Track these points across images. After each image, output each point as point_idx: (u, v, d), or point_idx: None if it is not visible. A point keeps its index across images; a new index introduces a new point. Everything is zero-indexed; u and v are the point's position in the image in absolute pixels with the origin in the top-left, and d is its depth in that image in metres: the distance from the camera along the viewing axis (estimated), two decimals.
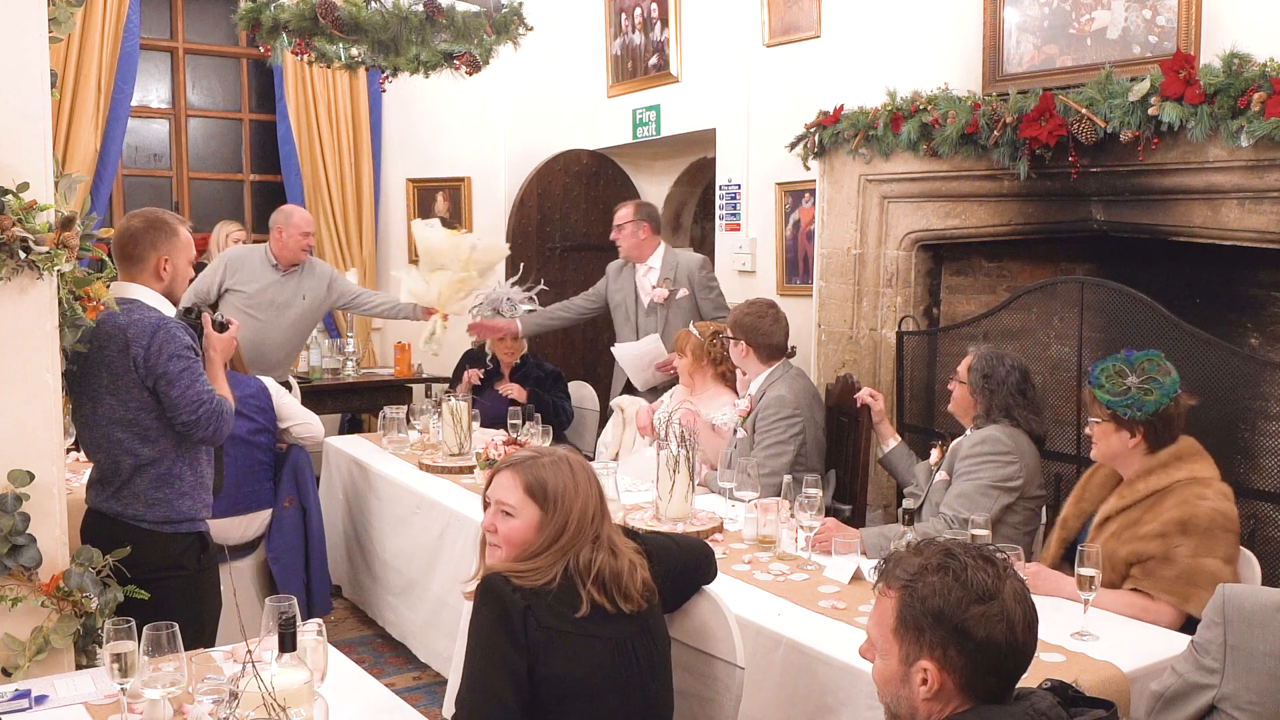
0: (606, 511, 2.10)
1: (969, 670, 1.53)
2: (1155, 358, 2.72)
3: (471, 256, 5.14)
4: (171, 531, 2.88)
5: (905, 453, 3.73)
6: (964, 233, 4.34)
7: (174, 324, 2.83)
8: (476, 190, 6.99)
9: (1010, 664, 1.55)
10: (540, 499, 2.04)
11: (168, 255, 2.89)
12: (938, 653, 1.54)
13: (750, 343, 3.87)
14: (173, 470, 2.87)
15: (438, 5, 4.43)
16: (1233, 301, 3.69)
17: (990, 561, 1.59)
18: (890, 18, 4.58)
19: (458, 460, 4.19)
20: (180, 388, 2.78)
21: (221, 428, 2.87)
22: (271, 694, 1.64)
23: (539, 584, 1.96)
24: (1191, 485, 2.64)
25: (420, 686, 3.95)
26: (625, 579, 2.01)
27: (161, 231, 2.90)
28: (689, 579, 2.28)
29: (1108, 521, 2.74)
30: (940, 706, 1.56)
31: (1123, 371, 2.71)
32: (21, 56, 2.55)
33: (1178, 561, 2.56)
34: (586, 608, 1.96)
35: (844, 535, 3.01)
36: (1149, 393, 2.66)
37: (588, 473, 2.11)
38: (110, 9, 5.85)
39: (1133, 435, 2.71)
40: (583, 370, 6.72)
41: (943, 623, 1.53)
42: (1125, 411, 2.68)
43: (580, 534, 2.02)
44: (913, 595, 1.57)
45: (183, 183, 6.83)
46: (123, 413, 2.81)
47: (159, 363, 2.76)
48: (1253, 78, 3.18)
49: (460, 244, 5.14)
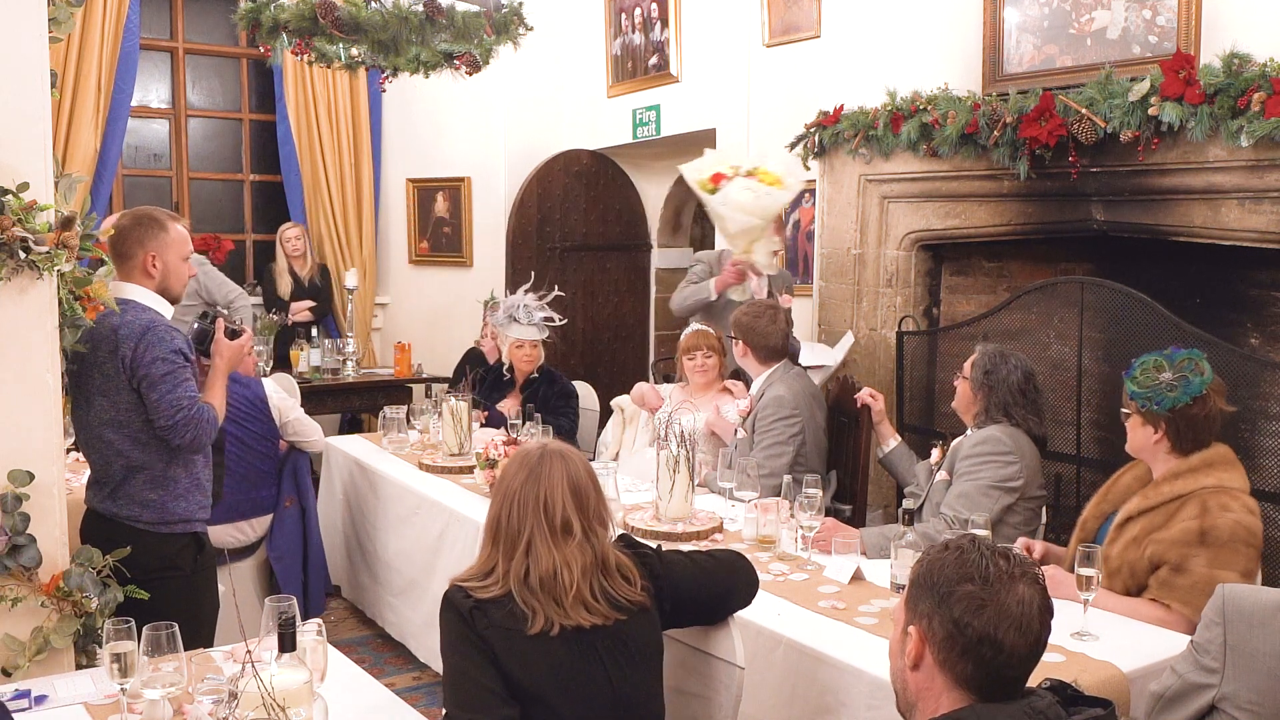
0: (564, 520, 1.99)
1: (946, 646, 1.53)
2: (1195, 357, 2.68)
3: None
4: (167, 532, 2.87)
5: (905, 453, 3.73)
6: (964, 233, 4.34)
7: (165, 327, 2.81)
8: (476, 190, 6.99)
9: (987, 653, 1.52)
10: (489, 524, 2.04)
11: (155, 251, 2.86)
12: (923, 621, 1.56)
13: (748, 342, 3.87)
14: (166, 473, 2.86)
15: (438, 5, 4.43)
16: (1233, 301, 3.69)
17: (1004, 558, 1.57)
18: (890, 18, 4.58)
19: (458, 460, 4.19)
20: (160, 392, 2.75)
21: (200, 436, 2.81)
22: (271, 694, 1.64)
23: (489, 597, 1.96)
24: (1217, 494, 2.59)
25: (420, 686, 3.95)
26: (574, 592, 1.94)
27: (148, 228, 2.87)
28: (700, 610, 2.20)
29: (1129, 523, 2.70)
30: (927, 683, 1.57)
31: (1160, 366, 2.68)
32: (21, 56, 2.55)
33: (1193, 571, 2.53)
34: (540, 623, 1.92)
35: (844, 535, 3.02)
36: (1173, 389, 2.64)
37: (531, 478, 2.00)
38: (110, 9, 5.85)
39: (1155, 430, 2.68)
40: (583, 370, 6.72)
41: (934, 591, 1.55)
42: (1144, 404, 2.67)
43: (512, 546, 1.98)
44: (921, 564, 1.62)
45: (183, 183, 6.83)
46: (113, 414, 2.81)
47: (143, 365, 2.75)
48: (1253, 78, 3.18)
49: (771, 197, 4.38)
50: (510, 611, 1.95)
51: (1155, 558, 2.59)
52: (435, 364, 6.46)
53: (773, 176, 4.32)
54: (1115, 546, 2.69)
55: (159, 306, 2.88)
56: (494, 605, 1.95)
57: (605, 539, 2.05)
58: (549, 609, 1.94)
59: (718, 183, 4.32)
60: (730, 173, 4.33)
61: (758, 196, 4.29)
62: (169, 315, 2.90)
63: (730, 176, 4.31)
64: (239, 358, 3.07)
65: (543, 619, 1.93)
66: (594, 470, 2.11)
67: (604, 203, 7.08)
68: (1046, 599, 1.57)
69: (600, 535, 2.03)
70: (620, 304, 7.23)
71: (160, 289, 2.90)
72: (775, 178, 4.32)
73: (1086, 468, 3.84)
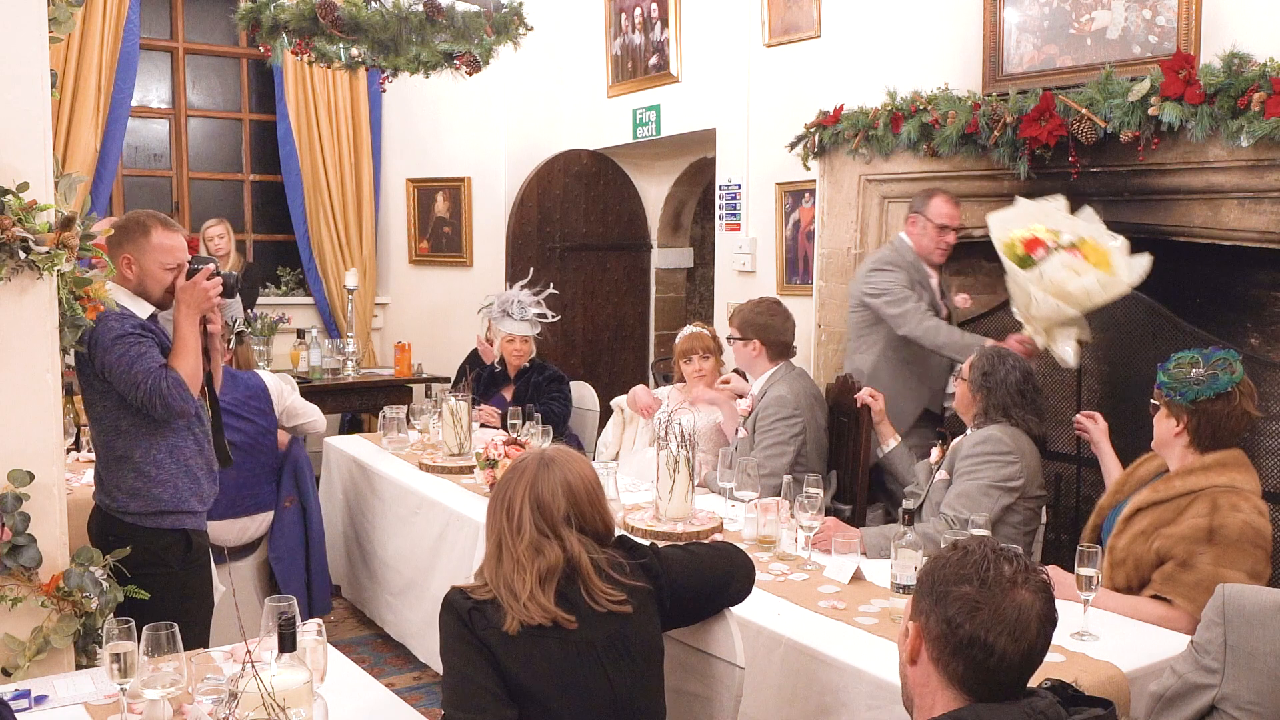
0: (546, 519, 2.03)
1: (940, 644, 1.54)
2: (1230, 358, 2.69)
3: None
4: (154, 526, 2.89)
5: (905, 452, 3.73)
6: (964, 233, 4.34)
7: (114, 314, 2.82)
8: (476, 190, 6.99)
9: (978, 655, 1.51)
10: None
11: (130, 254, 2.88)
12: (921, 618, 1.57)
13: (763, 340, 3.87)
14: (148, 456, 2.89)
15: (438, 5, 4.43)
16: (1233, 301, 3.69)
17: (1009, 562, 1.56)
18: (890, 18, 4.58)
19: (458, 460, 4.19)
20: (118, 373, 2.78)
21: (171, 400, 2.77)
22: (271, 694, 1.64)
23: (487, 599, 1.99)
24: (1228, 494, 2.59)
25: (420, 686, 3.95)
26: (527, 594, 1.97)
27: (130, 231, 2.90)
28: (701, 602, 2.22)
29: (1137, 515, 2.69)
30: (923, 680, 1.57)
31: (1195, 362, 2.70)
32: (21, 56, 2.55)
33: (1198, 568, 2.53)
34: (511, 624, 1.94)
35: (844, 535, 3.01)
36: (1199, 382, 2.65)
37: (511, 484, 2.07)
38: (110, 9, 5.86)
39: (1177, 423, 2.69)
40: (583, 370, 6.72)
41: (933, 589, 1.57)
42: (1170, 394, 2.69)
43: (501, 548, 2.03)
44: (926, 565, 1.63)
45: (183, 183, 6.83)
46: (93, 407, 2.90)
47: (99, 354, 2.79)
48: (1253, 78, 3.18)
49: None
50: (503, 613, 1.96)
51: (1162, 552, 2.59)
52: (435, 364, 6.46)
53: (1100, 253, 3.40)
54: (1122, 539, 2.68)
55: (134, 307, 2.89)
56: (491, 607, 1.97)
57: (576, 543, 2.03)
58: (515, 609, 1.96)
59: (1033, 252, 3.41)
60: (1049, 240, 3.43)
61: (1083, 283, 3.36)
62: (144, 316, 2.90)
63: (1050, 246, 3.41)
64: (201, 299, 2.87)
65: (512, 619, 1.95)
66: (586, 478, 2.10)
67: (604, 203, 7.08)
68: (1050, 608, 1.55)
69: (568, 539, 2.03)
70: (620, 304, 7.23)
71: (138, 291, 2.91)
72: (1103, 255, 3.40)
73: (1086, 468, 3.84)
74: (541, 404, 4.72)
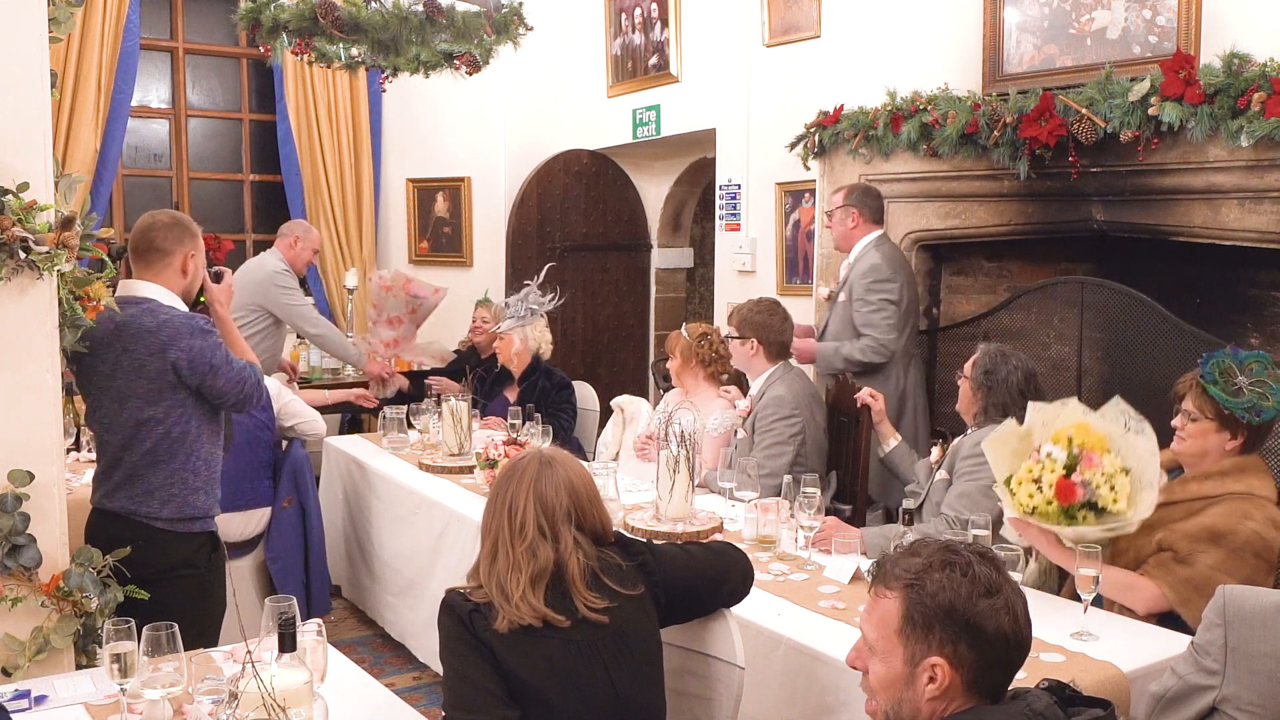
0: (548, 516, 2.04)
1: (979, 665, 1.54)
2: (1263, 360, 2.58)
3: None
4: (184, 531, 2.89)
5: (905, 452, 3.73)
6: (964, 233, 4.34)
7: (189, 325, 2.84)
8: (476, 190, 6.99)
9: (1016, 656, 1.57)
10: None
11: (193, 251, 2.94)
12: (948, 650, 1.54)
13: (761, 340, 3.87)
14: (187, 464, 2.88)
15: (438, 5, 4.43)
16: (1233, 301, 3.69)
17: (988, 557, 1.62)
18: (890, 18, 4.59)
19: (458, 460, 4.18)
20: (225, 376, 2.85)
21: (262, 391, 3.00)
22: (271, 694, 1.64)
23: (485, 600, 1.99)
24: (1243, 501, 2.55)
25: (420, 686, 3.95)
26: (519, 595, 1.97)
27: (187, 229, 2.95)
28: (696, 600, 2.22)
29: None
30: (944, 705, 1.57)
31: (1233, 370, 2.57)
32: (21, 56, 2.55)
33: (1195, 566, 2.51)
34: (502, 622, 1.94)
35: (844, 535, 3.01)
36: (1265, 398, 2.53)
37: (513, 483, 2.07)
38: (110, 9, 5.85)
39: (1234, 438, 2.59)
40: (583, 370, 6.72)
41: (955, 618, 1.54)
42: (1244, 415, 2.53)
43: (497, 548, 2.03)
44: (920, 593, 1.57)
45: (183, 183, 6.83)
46: (151, 412, 2.81)
47: (203, 361, 2.80)
48: (1253, 78, 3.18)
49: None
50: (496, 613, 1.96)
51: (1164, 544, 2.57)
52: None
53: (1098, 438, 2.56)
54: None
55: (179, 306, 2.91)
56: (490, 608, 1.97)
57: (571, 542, 2.03)
58: (506, 610, 1.96)
59: (1070, 502, 2.50)
60: (1081, 486, 2.51)
61: (1120, 526, 2.56)
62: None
63: (1081, 489, 2.50)
64: (230, 297, 3.16)
65: (503, 619, 1.95)
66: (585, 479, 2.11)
67: (604, 203, 7.08)
68: (1011, 579, 1.64)
69: (564, 538, 2.03)
70: (620, 304, 7.23)
71: (184, 291, 2.95)
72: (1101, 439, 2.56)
73: None
74: (550, 415, 4.62)
